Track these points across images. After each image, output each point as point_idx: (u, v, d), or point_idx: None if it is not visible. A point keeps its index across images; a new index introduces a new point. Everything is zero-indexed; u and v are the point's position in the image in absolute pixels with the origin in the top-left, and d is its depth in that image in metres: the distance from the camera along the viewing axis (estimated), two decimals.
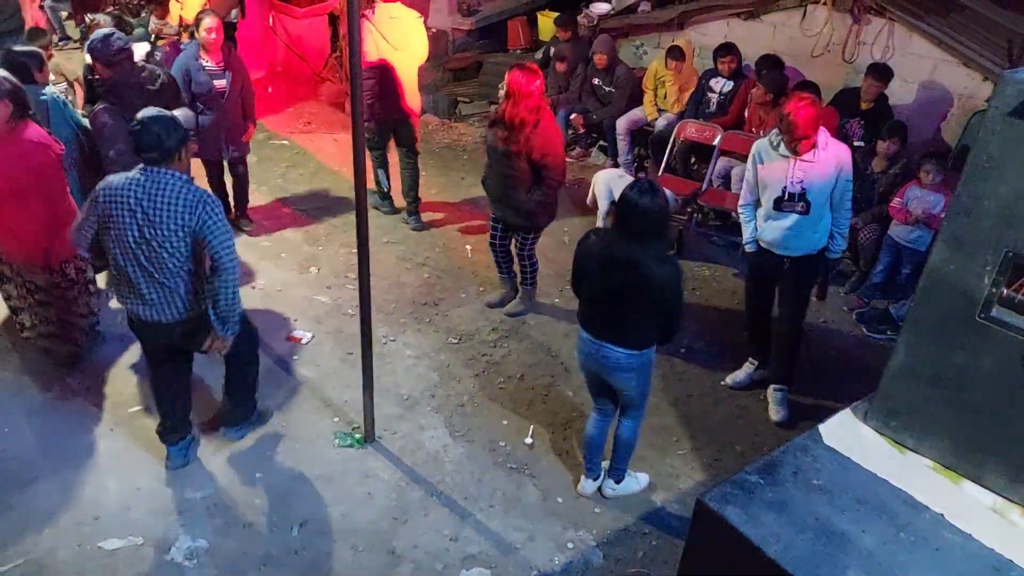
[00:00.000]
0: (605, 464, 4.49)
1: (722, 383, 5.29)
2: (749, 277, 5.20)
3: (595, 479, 4.44)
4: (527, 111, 4.99)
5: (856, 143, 6.45)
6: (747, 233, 4.88)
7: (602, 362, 3.95)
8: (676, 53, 7.64)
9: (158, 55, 6.94)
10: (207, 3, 8.16)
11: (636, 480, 4.47)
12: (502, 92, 5.09)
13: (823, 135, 4.44)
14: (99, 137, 4.86)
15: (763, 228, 4.73)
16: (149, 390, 4.94)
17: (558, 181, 5.28)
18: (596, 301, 3.92)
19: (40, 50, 5.22)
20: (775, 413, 5.02)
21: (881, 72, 6.58)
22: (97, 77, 5.24)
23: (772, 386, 5.10)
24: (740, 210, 4.91)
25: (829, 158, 4.42)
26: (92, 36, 4.99)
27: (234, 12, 8.40)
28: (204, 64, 6.02)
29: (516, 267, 5.88)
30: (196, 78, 6.00)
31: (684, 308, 3.91)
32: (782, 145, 4.49)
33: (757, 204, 4.78)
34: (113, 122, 4.80)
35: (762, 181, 4.64)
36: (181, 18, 8.13)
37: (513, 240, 5.71)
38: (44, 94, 4.85)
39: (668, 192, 6.30)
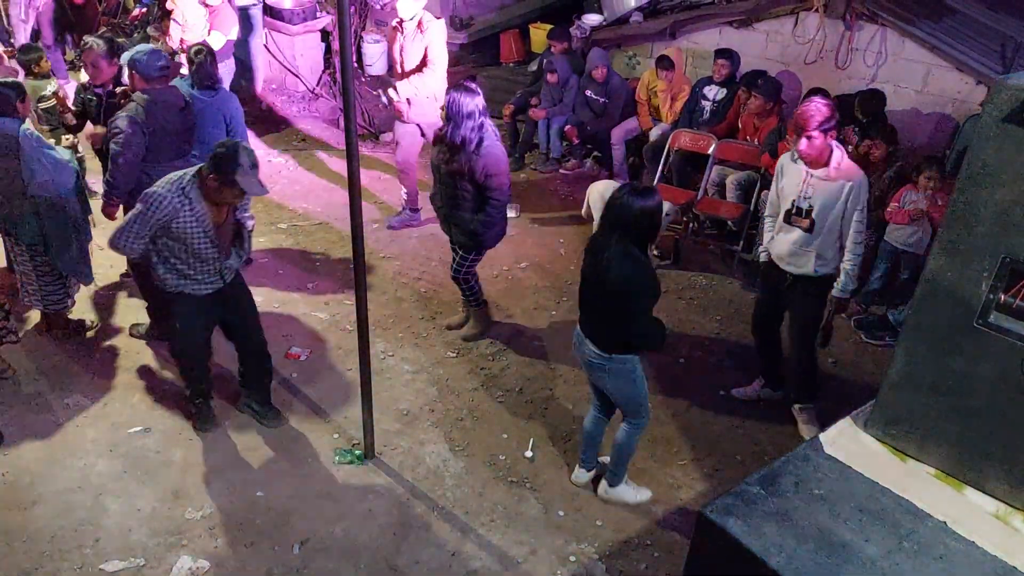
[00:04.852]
0: (604, 459, 4.52)
1: (730, 392, 5.24)
2: (760, 287, 5.17)
3: (588, 470, 4.52)
4: (469, 131, 4.92)
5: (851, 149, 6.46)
6: (764, 243, 4.89)
7: (581, 354, 4.05)
8: (666, 63, 7.67)
9: None
10: (210, 25, 8.17)
11: (634, 492, 4.44)
12: (441, 113, 5.02)
13: (839, 154, 4.33)
14: (113, 140, 4.92)
15: (775, 240, 4.68)
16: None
17: (503, 201, 5.18)
18: (579, 292, 4.03)
19: (21, 82, 5.22)
20: (806, 432, 4.91)
21: (868, 101, 6.61)
22: (121, 89, 5.36)
23: (795, 405, 5.03)
24: (764, 220, 4.94)
25: (839, 178, 4.31)
26: (136, 49, 5.08)
27: (234, 29, 8.40)
28: None
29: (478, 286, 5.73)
30: None
31: (646, 317, 3.81)
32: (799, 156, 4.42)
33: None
34: (131, 131, 4.89)
35: (781, 192, 4.59)
36: (182, 40, 8.13)
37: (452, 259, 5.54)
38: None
39: (666, 204, 6.32)
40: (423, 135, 6.88)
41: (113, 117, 5.00)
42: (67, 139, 5.98)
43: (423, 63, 6.60)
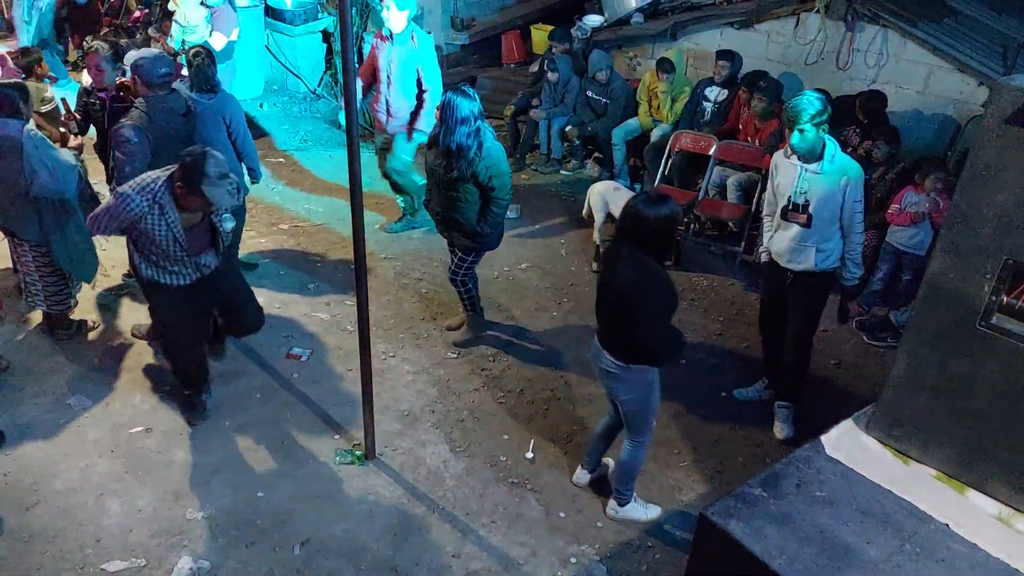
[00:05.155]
0: (607, 460, 4.53)
1: (732, 393, 5.25)
2: (763, 288, 5.15)
3: (590, 472, 4.51)
4: (467, 136, 4.85)
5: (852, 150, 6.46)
6: (764, 243, 4.87)
7: (597, 363, 3.99)
8: (666, 65, 7.67)
9: None
10: (211, 25, 8.17)
11: (644, 510, 4.37)
12: (437, 115, 4.96)
13: (832, 147, 4.34)
14: (118, 150, 4.89)
15: (774, 238, 4.68)
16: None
17: (507, 200, 5.15)
18: (596, 302, 3.98)
19: (25, 84, 5.22)
20: (779, 430, 4.93)
21: (870, 102, 6.61)
22: (122, 94, 5.35)
23: (777, 402, 5.02)
24: (763, 220, 4.94)
25: (834, 172, 4.32)
26: (141, 54, 5.08)
27: (236, 30, 8.41)
28: None
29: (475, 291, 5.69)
30: None
31: (651, 321, 3.71)
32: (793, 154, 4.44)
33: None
34: (136, 139, 4.86)
35: (777, 190, 4.59)
36: (184, 41, 8.13)
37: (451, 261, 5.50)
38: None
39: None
40: None
41: (117, 125, 4.96)
42: (70, 138, 5.98)
43: (419, 83, 6.53)
